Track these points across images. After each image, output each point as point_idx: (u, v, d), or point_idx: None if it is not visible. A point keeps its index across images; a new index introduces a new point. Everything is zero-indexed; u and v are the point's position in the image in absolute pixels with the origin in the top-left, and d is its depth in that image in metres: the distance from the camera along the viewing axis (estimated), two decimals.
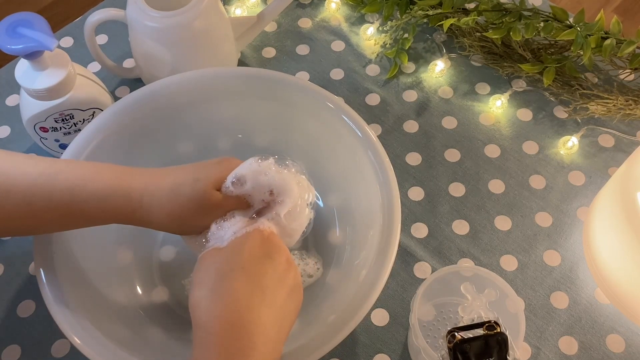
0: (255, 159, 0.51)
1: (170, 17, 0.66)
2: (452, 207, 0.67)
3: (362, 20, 0.82)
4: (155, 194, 0.49)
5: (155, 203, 0.49)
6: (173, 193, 0.49)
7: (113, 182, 0.49)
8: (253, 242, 0.47)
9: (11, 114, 0.75)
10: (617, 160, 0.70)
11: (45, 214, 0.48)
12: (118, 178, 0.49)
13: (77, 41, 0.81)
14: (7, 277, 0.64)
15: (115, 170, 0.50)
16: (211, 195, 0.49)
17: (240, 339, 0.42)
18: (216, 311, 0.43)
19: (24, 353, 0.60)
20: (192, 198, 0.49)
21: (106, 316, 0.53)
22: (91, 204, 0.48)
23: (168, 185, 0.49)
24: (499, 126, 0.73)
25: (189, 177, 0.49)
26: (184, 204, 0.49)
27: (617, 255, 0.59)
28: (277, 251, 0.47)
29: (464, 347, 0.49)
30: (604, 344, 0.60)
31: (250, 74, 0.63)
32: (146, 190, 0.49)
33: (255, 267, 0.45)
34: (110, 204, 0.48)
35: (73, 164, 0.51)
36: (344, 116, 0.59)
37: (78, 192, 0.48)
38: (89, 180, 0.48)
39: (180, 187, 0.49)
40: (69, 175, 0.49)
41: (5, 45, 0.57)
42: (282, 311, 0.46)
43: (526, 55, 0.76)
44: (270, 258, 0.46)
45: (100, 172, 0.49)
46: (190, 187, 0.49)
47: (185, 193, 0.49)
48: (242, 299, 0.44)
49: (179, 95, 0.61)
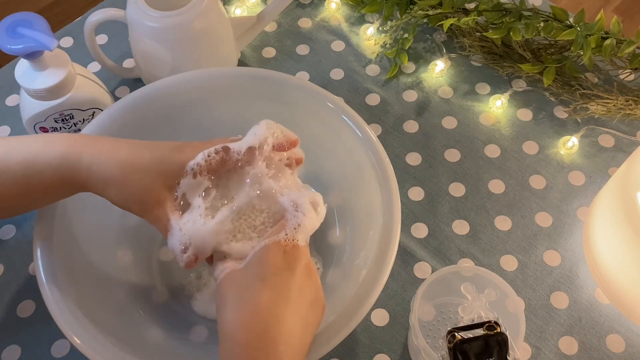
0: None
1: (170, 17, 0.66)
2: (452, 207, 0.67)
3: (362, 20, 0.82)
4: (104, 169, 0.47)
5: (102, 180, 0.47)
6: (120, 175, 0.47)
7: (63, 151, 0.48)
8: (273, 255, 0.46)
9: (11, 114, 0.75)
10: (617, 160, 0.70)
11: (6, 190, 0.48)
12: (69, 147, 0.48)
13: (77, 41, 0.81)
14: (7, 277, 0.64)
15: (69, 139, 0.49)
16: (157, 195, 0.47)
17: (266, 348, 0.43)
18: (241, 322, 0.43)
19: (24, 353, 0.60)
20: (139, 189, 0.47)
21: (106, 316, 0.53)
22: (46, 175, 0.48)
23: (118, 160, 0.47)
24: (499, 126, 0.73)
25: (140, 162, 0.47)
26: (130, 192, 0.47)
27: (617, 255, 0.59)
28: (297, 263, 0.46)
29: (464, 347, 0.49)
30: (604, 344, 0.60)
31: (250, 73, 0.63)
32: (94, 161, 0.47)
33: (277, 278, 0.45)
34: (62, 173, 0.47)
35: (26, 139, 0.50)
36: (344, 116, 0.59)
37: (31, 165, 0.47)
38: (41, 152, 0.48)
39: (130, 170, 0.47)
40: (21, 150, 0.48)
41: (5, 45, 0.57)
42: (305, 321, 0.45)
43: (526, 55, 0.76)
44: (290, 270, 0.46)
45: (53, 143, 0.48)
46: (139, 177, 0.47)
47: (133, 180, 0.47)
48: (267, 309, 0.44)
49: (178, 95, 0.61)
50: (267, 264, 0.46)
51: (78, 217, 0.56)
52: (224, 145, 0.49)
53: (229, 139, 0.51)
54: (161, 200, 0.48)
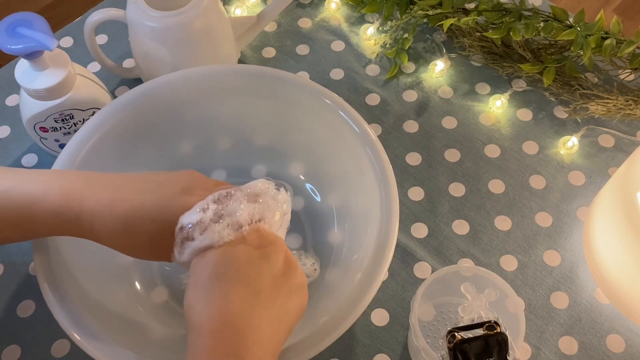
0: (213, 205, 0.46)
1: (170, 17, 0.66)
2: (452, 207, 0.67)
3: (362, 20, 0.82)
4: (108, 224, 0.45)
5: (106, 234, 0.46)
6: (125, 228, 0.45)
7: (62, 203, 0.45)
8: (249, 242, 0.45)
9: (11, 114, 0.75)
10: (617, 160, 0.70)
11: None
12: (67, 198, 0.45)
13: (77, 41, 0.81)
14: (7, 277, 0.64)
15: (66, 186, 0.46)
16: (165, 241, 0.45)
17: (232, 340, 0.42)
18: (208, 313, 0.42)
19: (24, 353, 0.60)
20: (146, 239, 0.45)
21: (106, 314, 0.53)
22: (42, 223, 0.46)
23: (121, 214, 0.45)
24: (499, 126, 0.73)
25: (145, 213, 0.45)
26: (138, 242, 0.46)
27: (617, 255, 0.59)
28: (274, 252, 0.45)
29: (464, 347, 0.49)
30: (604, 344, 0.60)
31: (251, 71, 0.63)
32: (97, 216, 0.45)
33: (250, 268, 0.44)
34: (61, 225, 0.46)
35: (21, 180, 0.47)
36: (342, 113, 0.59)
37: (27, 213, 0.46)
38: (38, 200, 0.46)
39: (134, 223, 0.45)
40: (19, 192, 0.46)
41: (5, 45, 0.57)
42: (279, 312, 0.44)
43: (526, 55, 0.76)
44: (266, 259, 0.45)
45: (50, 190, 0.46)
46: (144, 227, 0.45)
47: (139, 232, 0.45)
48: (235, 300, 0.43)
49: (177, 93, 0.61)
50: (241, 251, 0.44)
51: None
52: (228, 191, 0.47)
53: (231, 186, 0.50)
54: (168, 244, 0.46)
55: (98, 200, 0.45)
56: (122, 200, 0.45)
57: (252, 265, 0.44)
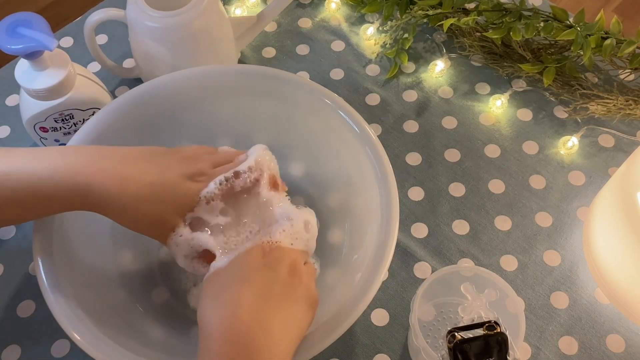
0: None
1: (170, 17, 0.66)
2: (452, 207, 0.67)
3: (362, 20, 0.82)
4: (117, 203, 0.48)
5: (114, 212, 0.49)
6: (135, 208, 0.48)
7: (70, 181, 0.47)
8: (253, 256, 0.48)
9: (11, 114, 0.75)
10: (617, 160, 0.70)
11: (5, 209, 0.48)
12: (76, 174, 0.47)
13: (77, 41, 0.81)
14: (7, 277, 0.64)
15: (74, 162, 0.48)
16: (171, 223, 0.50)
17: (241, 344, 0.43)
18: (218, 318, 0.44)
19: (24, 353, 0.60)
20: (150, 219, 0.49)
21: (106, 314, 0.53)
22: (53, 202, 0.48)
23: (131, 195, 0.48)
24: (499, 126, 0.73)
25: (153, 197, 0.49)
26: (143, 221, 0.49)
27: (617, 255, 0.59)
28: (278, 263, 0.48)
29: (464, 347, 0.49)
30: (604, 344, 0.60)
31: (249, 71, 0.63)
32: (105, 196, 0.47)
33: (257, 277, 0.46)
34: (70, 201, 0.48)
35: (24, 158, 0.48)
36: (342, 113, 0.59)
37: (37, 191, 0.47)
38: (45, 178, 0.47)
39: (141, 204, 0.48)
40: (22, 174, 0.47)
41: (5, 45, 0.57)
42: (287, 318, 0.46)
43: (526, 55, 0.76)
44: (271, 269, 0.47)
45: (57, 170, 0.47)
46: (151, 208, 0.49)
47: (145, 212, 0.49)
48: (245, 305, 0.44)
49: (177, 93, 0.61)
50: (247, 263, 0.47)
51: (78, 217, 0.56)
52: (235, 171, 0.52)
53: (233, 150, 0.56)
54: (174, 225, 0.50)
55: (106, 176, 0.48)
56: (130, 180, 0.48)
57: (259, 275, 0.47)
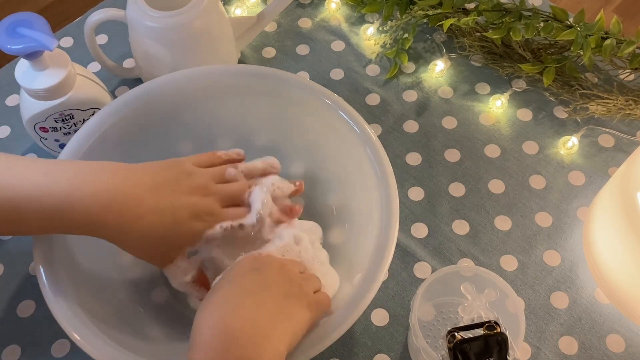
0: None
1: (170, 17, 0.66)
2: (452, 207, 0.67)
3: (362, 20, 0.82)
4: (128, 236, 0.50)
5: (123, 243, 0.51)
6: (143, 242, 0.51)
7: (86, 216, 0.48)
8: (243, 264, 0.51)
9: (11, 114, 0.75)
10: (617, 160, 0.70)
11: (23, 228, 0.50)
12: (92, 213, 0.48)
13: (77, 41, 0.81)
14: (7, 277, 0.64)
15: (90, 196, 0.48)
16: (172, 256, 0.53)
17: (237, 351, 0.44)
18: (205, 316, 0.46)
19: (24, 353, 0.60)
20: (156, 251, 0.52)
21: (107, 314, 0.53)
22: (68, 228, 0.50)
23: (142, 232, 0.50)
24: (499, 126, 0.73)
25: (159, 234, 0.50)
26: (150, 253, 0.52)
27: (617, 255, 0.59)
28: (265, 265, 0.50)
29: (464, 347, 0.49)
30: (604, 344, 0.60)
31: (249, 71, 0.63)
32: (116, 231, 0.49)
33: (242, 278, 0.49)
34: (83, 230, 0.49)
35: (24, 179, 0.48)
36: (342, 113, 0.59)
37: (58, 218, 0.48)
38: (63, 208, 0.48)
39: (149, 240, 0.51)
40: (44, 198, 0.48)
41: (5, 45, 0.57)
42: (276, 312, 0.47)
43: (526, 55, 0.76)
44: (257, 271, 0.50)
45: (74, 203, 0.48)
46: (158, 242, 0.51)
47: (152, 246, 0.51)
48: (229, 299, 0.47)
49: (177, 93, 0.61)
50: (234, 269, 0.50)
51: None
52: (240, 223, 0.54)
53: (234, 151, 0.58)
54: (174, 258, 0.53)
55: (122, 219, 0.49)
56: (143, 219, 0.50)
57: (244, 276, 0.49)
